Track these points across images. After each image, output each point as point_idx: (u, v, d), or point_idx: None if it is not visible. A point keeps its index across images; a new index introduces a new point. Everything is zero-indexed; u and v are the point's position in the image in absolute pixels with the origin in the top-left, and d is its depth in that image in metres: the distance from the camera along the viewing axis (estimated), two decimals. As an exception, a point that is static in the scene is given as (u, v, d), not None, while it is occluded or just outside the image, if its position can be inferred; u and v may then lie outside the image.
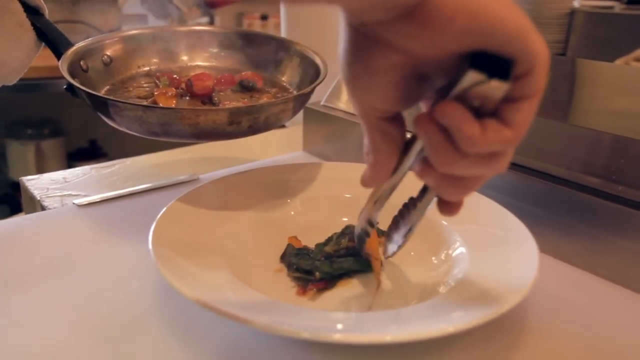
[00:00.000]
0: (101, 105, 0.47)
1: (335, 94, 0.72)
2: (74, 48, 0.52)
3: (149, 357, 0.35)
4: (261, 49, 0.63)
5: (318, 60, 0.57)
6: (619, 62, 1.48)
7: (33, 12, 0.51)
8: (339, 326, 0.34)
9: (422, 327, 0.32)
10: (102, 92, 0.55)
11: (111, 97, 0.48)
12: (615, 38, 1.57)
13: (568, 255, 0.47)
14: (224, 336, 0.37)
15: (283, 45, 0.62)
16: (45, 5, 0.52)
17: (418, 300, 0.39)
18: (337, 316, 0.37)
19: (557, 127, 0.51)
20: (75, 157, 1.96)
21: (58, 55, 0.51)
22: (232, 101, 0.54)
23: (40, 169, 1.81)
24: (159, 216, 0.43)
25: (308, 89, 0.52)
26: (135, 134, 0.47)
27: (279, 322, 0.31)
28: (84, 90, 0.47)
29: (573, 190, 0.47)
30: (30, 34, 0.50)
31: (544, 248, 0.40)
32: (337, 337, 0.30)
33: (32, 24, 0.50)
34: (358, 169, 0.53)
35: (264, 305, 0.35)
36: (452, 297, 0.37)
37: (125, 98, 0.53)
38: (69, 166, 1.91)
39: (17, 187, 0.88)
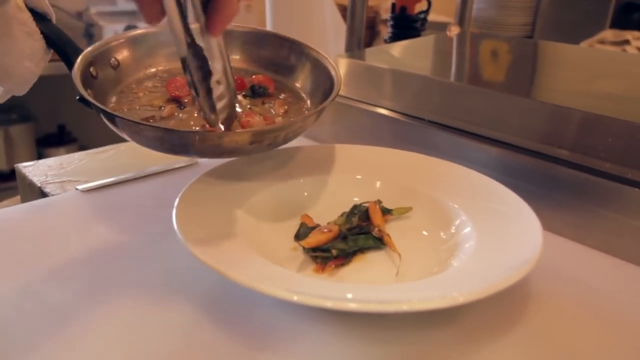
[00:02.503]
0: (121, 124, 0.45)
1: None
2: (82, 56, 0.50)
3: (180, 332, 0.37)
4: (274, 51, 0.60)
5: (331, 69, 0.55)
6: (584, 44, 1.55)
7: (40, 19, 0.49)
8: (356, 295, 0.36)
9: (435, 297, 0.35)
10: (112, 99, 0.53)
11: (134, 119, 0.46)
12: (580, 21, 1.63)
13: (559, 228, 0.51)
14: (253, 313, 0.39)
15: (297, 48, 0.59)
16: (52, 10, 0.51)
17: (434, 271, 0.42)
18: (358, 288, 0.39)
19: (544, 108, 0.54)
20: (44, 143, 1.91)
21: (68, 62, 0.50)
22: (244, 110, 0.52)
23: (10, 156, 1.77)
24: (176, 203, 0.44)
25: (326, 103, 0.49)
26: (152, 150, 0.46)
27: (307, 294, 0.33)
28: (105, 111, 0.45)
29: (562, 167, 0.51)
30: (40, 43, 0.48)
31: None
32: (354, 306, 0.33)
33: (41, 32, 0.48)
34: (369, 152, 0.56)
35: (294, 281, 0.38)
36: (463, 269, 0.40)
37: (137, 105, 0.51)
38: (39, 153, 1.87)
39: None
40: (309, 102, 0.57)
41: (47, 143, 1.92)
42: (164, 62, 0.60)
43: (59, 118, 1.99)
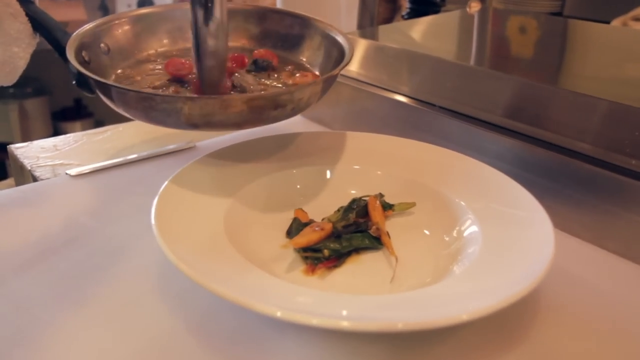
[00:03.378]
0: (131, 100, 0.42)
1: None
2: (71, 39, 0.47)
3: (153, 337, 0.34)
4: (278, 27, 0.58)
5: (341, 40, 0.53)
6: (616, 21, 1.46)
7: (23, 1, 0.46)
8: (347, 313, 0.32)
9: (434, 314, 0.31)
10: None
11: (149, 91, 0.44)
12: (613, -4, 1.53)
13: (576, 229, 0.47)
14: (231, 316, 0.36)
15: (303, 23, 0.57)
16: None
17: (431, 280, 0.38)
18: (346, 300, 0.35)
19: (566, 96, 0.49)
20: (60, 117, 1.91)
21: (57, 46, 0.47)
22: (253, 84, 0.50)
23: (25, 129, 1.77)
24: (160, 191, 0.42)
25: (340, 67, 0.47)
26: (168, 127, 0.43)
27: (287, 309, 0.30)
28: (113, 86, 0.43)
29: (582, 162, 0.46)
30: (26, 26, 0.46)
31: (552, 221, 0.39)
32: (346, 325, 0.29)
33: (26, 14, 0.46)
34: (368, 139, 0.53)
35: (270, 288, 0.34)
36: (466, 278, 0.36)
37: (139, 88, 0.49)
38: (54, 126, 1.87)
39: (3, 148, 0.85)
40: (318, 73, 0.54)
41: (63, 117, 1.92)
42: (156, 45, 0.57)
43: (75, 92, 1.98)
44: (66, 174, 0.55)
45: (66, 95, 1.96)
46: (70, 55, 0.45)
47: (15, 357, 0.33)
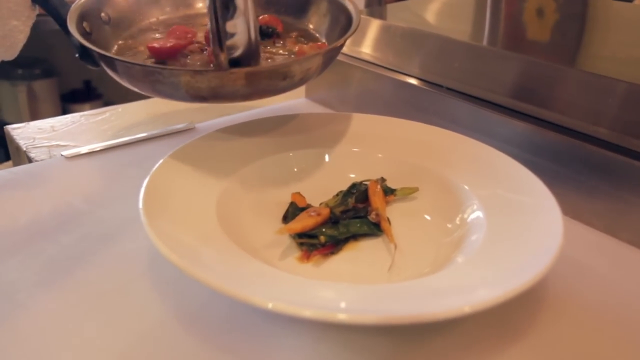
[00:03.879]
0: (138, 74, 0.41)
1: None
2: (72, 9, 0.46)
3: (141, 326, 0.33)
4: None
5: (350, 6, 0.51)
6: (638, 1, 1.41)
7: None
8: (342, 304, 0.31)
9: (434, 306, 0.29)
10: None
11: (155, 65, 0.42)
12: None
13: (588, 217, 0.45)
14: (222, 304, 0.35)
15: None
16: None
17: (431, 269, 0.36)
18: (341, 291, 0.33)
19: (581, 77, 0.47)
20: (69, 99, 1.91)
21: (57, 18, 0.46)
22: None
23: (34, 111, 1.76)
24: (151, 173, 0.40)
25: (350, 32, 0.46)
26: (174, 100, 0.42)
27: (277, 299, 0.28)
28: (120, 61, 0.41)
29: (595, 147, 0.44)
30: None
31: (562, 208, 0.37)
32: (342, 318, 0.28)
33: None
34: (368, 121, 0.50)
35: (262, 277, 0.33)
36: (468, 268, 0.34)
37: (140, 59, 0.47)
38: (64, 108, 1.87)
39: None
40: (324, 41, 0.52)
41: (73, 99, 1.91)
42: (158, 13, 0.55)
43: (84, 74, 1.97)
44: (61, 155, 0.54)
45: (75, 77, 1.95)
46: (71, 27, 0.44)
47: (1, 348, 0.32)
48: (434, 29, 0.62)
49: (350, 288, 0.33)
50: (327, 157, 0.47)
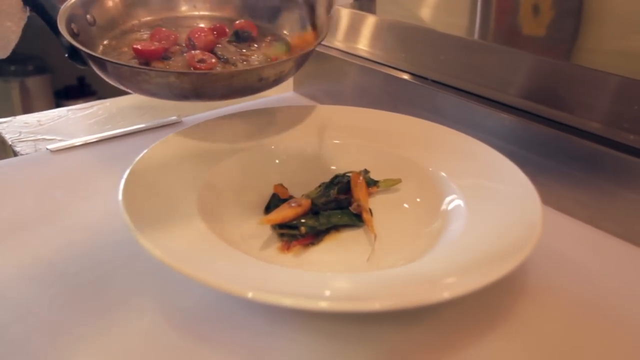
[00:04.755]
0: (125, 74, 0.43)
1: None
2: (61, 11, 0.47)
3: (121, 317, 0.33)
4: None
5: (320, 12, 0.53)
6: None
7: None
8: (326, 293, 0.31)
9: (414, 292, 0.29)
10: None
11: (143, 67, 0.45)
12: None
13: (571, 208, 0.45)
14: (200, 294, 0.35)
15: None
16: None
17: (412, 257, 0.36)
18: (320, 279, 0.33)
19: (565, 70, 0.47)
20: (62, 96, 1.90)
21: (47, 20, 0.47)
22: (234, 54, 0.50)
23: (26, 108, 1.76)
24: (133, 164, 0.40)
25: (320, 39, 0.48)
26: (160, 99, 0.45)
27: (256, 288, 0.28)
28: (109, 61, 0.44)
29: (578, 138, 0.44)
30: (17, 0, 0.46)
31: (545, 199, 0.37)
32: (323, 306, 0.28)
33: None
34: (350, 113, 0.50)
35: (241, 267, 0.33)
36: (448, 256, 0.34)
37: (124, 60, 0.49)
38: (57, 105, 1.86)
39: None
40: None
41: (66, 95, 1.91)
42: (140, 15, 0.56)
43: (78, 70, 1.96)
44: (47, 149, 0.54)
45: (69, 74, 1.94)
46: (62, 28, 0.46)
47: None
48: (421, 22, 0.62)
49: (328, 277, 0.33)
50: (309, 149, 0.47)
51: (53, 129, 0.60)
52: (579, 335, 0.33)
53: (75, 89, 1.94)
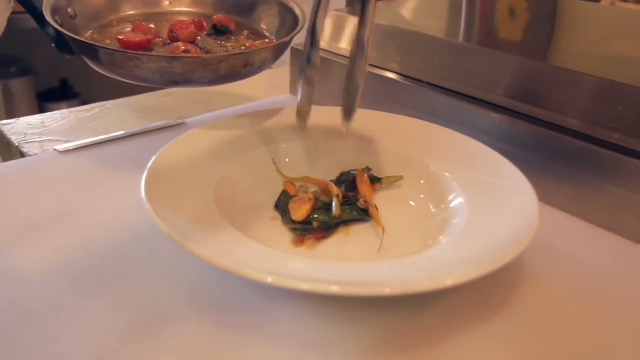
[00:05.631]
0: (117, 60, 0.46)
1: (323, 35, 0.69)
2: (45, 2, 0.49)
3: (146, 306, 0.35)
4: None
5: (297, 10, 0.58)
6: (605, 1, 1.46)
7: None
8: (336, 278, 0.33)
9: (421, 280, 0.32)
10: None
11: (136, 52, 0.47)
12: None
13: (560, 202, 0.48)
14: (220, 285, 0.37)
15: None
16: None
17: (417, 249, 0.39)
18: (335, 267, 0.36)
19: (552, 73, 0.50)
20: (46, 98, 1.89)
21: (31, 10, 0.49)
22: (214, 46, 0.54)
23: (10, 110, 1.74)
24: (150, 163, 0.42)
25: (297, 31, 0.53)
26: (148, 85, 0.48)
27: (277, 275, 0.30)
28: (100, 47, 0.46)
29: (566, 137, 0.47)
30: None
31: (536, 194, 0.40)
32: (335, 290, 0.30)
33: None
34: (359, 115, 0.52)
35: (261, 256, 0.35)
36: (452, 247, 0.37)
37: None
38: (40, 107, 1.85)
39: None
40: (274, 39, 0.60)
41: (49, 98, 1.89)
42: (121, 11, 0.60)
43: (61, 72, 1.95)
44: (55, 150, 0.55)
45: (52, 76, 1.93)
46: (48, 17, 0.48)
47: (15, 330, 0.33)
48: (413, 26, 0.64)
49: (342, 265, 0.35)
50: (316, 148, 0.50)
51: (57, 130, 0.61)
52: (570, 318, 0.36)
53: (58, 91, 1.93)
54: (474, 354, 0.32)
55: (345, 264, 0.36)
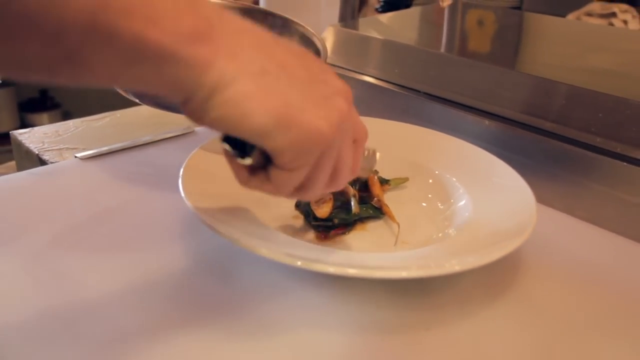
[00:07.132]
0: None
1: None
2: None
3: (193, 295, 0.38)
4: (260, 25, 0.65)
5: (318, 42, 0.59)
6: (571, 16, 1.55)
7: None
8: (360, 263, 0.38)
9: (433, 265, 0.37)
10: None
11: None
12: (569, -8, 1.63)
13: (550, 199, 0.53)
14: (251, 271, 0.40)
15: (283, 24, 0.62)
16: None
17: (429, 241, 0.43)
18: (358, 256, 0.40)
19: (539, 84, 0.55)
20: (26, 108, 1.88)
21: None
22: None
23: (-8, 121, 1.74)
24: (182, 169, 0.45)
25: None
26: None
27: (310, 259, 0.35)
28: None
29: (553, 140, 0.53)
30: None
31: (529, 193, 0.45)
32: (353, 272, 0.35)
33: None
34: (365, 123, 0.57)
35: (292, 245, 0.39)
36: (459, 238, 0.42)
37: None
38: (22, 118, 1.84)
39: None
40: None
41: (30, 108, 1.89)
42: None
43: (41, 83, 1.94)
44: (75, 157, 0.58)
45: (31, 87, 1.92)
46: None
47: (64, 317, 0.36)
48: (407, 40, 0.70)
49: (363, 254, 0.40)
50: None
51: (73, 138, 0.64)
52: (564, 296, 0.41)
53: (38, 102, 1.93)
54: (491, 329, 0.37)
55: (366, 253, 0.40)
